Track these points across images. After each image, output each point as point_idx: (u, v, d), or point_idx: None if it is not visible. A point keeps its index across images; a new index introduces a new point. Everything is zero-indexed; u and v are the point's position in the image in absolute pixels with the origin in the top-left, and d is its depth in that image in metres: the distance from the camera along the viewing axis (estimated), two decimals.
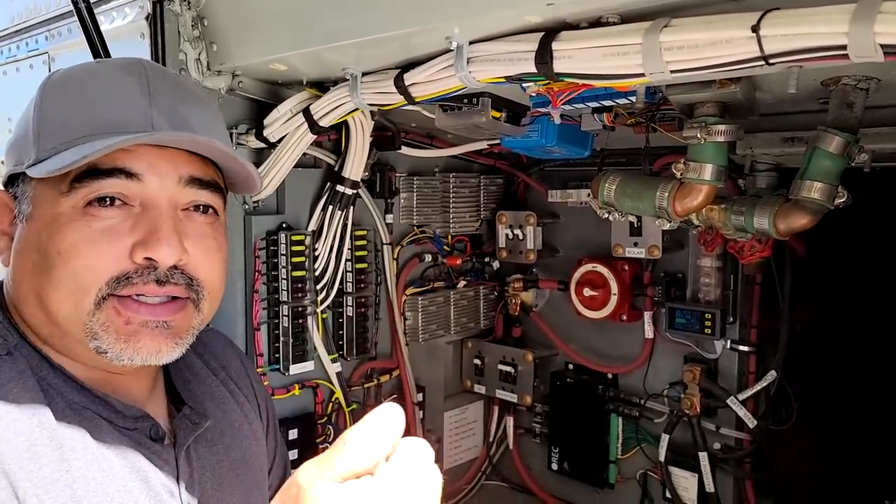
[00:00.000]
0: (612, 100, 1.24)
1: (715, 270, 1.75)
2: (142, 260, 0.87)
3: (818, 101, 1.20)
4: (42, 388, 0.88)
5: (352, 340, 1.86)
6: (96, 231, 0.86)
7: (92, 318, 0.87)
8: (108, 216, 0.87)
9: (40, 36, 1.93)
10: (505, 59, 1.07)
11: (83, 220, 0.87)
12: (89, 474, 0.86)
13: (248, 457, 1.13)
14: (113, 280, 0.86)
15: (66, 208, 0.87)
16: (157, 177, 0.89)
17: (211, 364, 1.17)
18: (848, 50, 0.77)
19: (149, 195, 0.89)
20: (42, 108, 0.91)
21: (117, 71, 0.95)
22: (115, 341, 0.87)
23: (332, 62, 1.34)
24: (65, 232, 0.86)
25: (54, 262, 0.86)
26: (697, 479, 1.83)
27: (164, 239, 0.87)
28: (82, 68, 0.98)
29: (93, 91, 0.92)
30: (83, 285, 0.86)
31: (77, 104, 0.91)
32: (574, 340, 2.09)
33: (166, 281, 0.89)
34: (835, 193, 1.16)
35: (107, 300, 0.86)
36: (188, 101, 0.97)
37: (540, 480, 2.20)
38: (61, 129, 0.89)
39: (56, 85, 0.94)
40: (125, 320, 0.87)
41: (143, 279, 0.87)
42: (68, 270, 0.86)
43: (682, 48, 0.88)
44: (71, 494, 0.83)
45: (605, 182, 1.38)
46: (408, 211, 2.00)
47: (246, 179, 1.02)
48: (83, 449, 0.87)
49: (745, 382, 1.79)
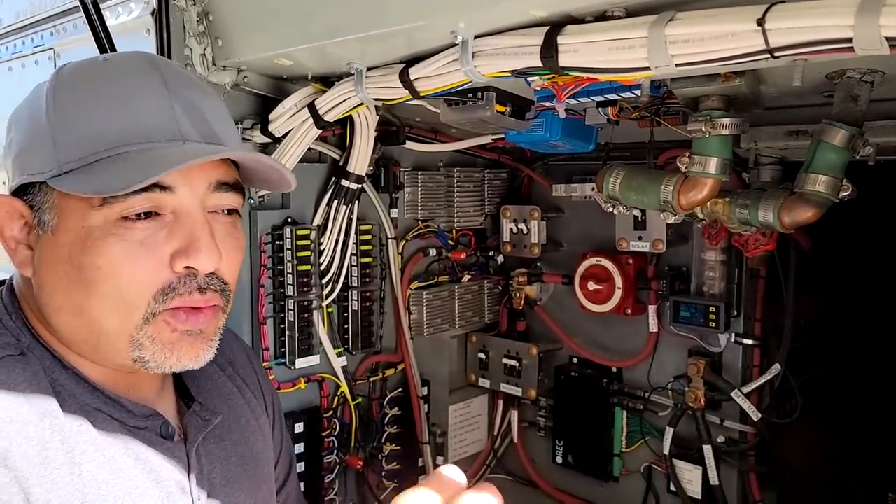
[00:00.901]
0: (616, 94, 1.23)
1: (719, 264, 1.75)
2: (182, 269, 0.88)
3: (823, 94, 1.20)
4: (54, 389, 0.88)
5: (357, 334, 1.87)
6: (134, 244, 0.86)
7: (140, 331, 0.88)
8: (142, 228, 0.87)
9: (45, 32, 1.94)
10: (510, 54, 1.07)
11: (118, 233, 0.86)
12: (100, 477, 0.87)
13: (256, 452, 1.14)
14: (159, 293, 0.87)
15: (99, 221, 0.86)
16: (188, 186, 0.89)
17: (218, 359, 1.17)
18: (853, 43, 0.77)
19: (181, 204, 0.89)
20: (56, 111, 0.89)
21: (130, 68, 0.94)
22: (160, 352, 0.89)
23: (337, 57, 1.35)
24: (102, 247, 0.86)
25: (93, 277, 0.86)
26: (702, 472, 1.83)
27: (204, 248, 0.88)
28: (91, 65, 0.95)
29: (110, 92, 0.90)
30: (130, 300, 0.87)
31: (96, 107, 0.89)
32: (578, 334, 2.09)
33: (206, 288, 0.90)
34: (839, 186, 1.16)
35: (157, 315, 0.88)
36: (201, 94, 0.97)
37: (544, 474, 2.21)
38: (83, 138, 0.87)
39: (67, 86, 0.91)
40: (172, 329, 0.89)
41: (186, 288, 0.88)
42: (112, 285, 0.86)
43: (687, 42, 0.89)
44: (82, 499, 0.84)
45: (609, 176, 1.39)
46: (412, 205, 2.01)
47: (278, 181, 1.03)
48: (94, 451, 0.88)
49: (749, 376, 1.79)
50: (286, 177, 1.01)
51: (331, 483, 1.84)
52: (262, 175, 1.02)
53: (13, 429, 0.82)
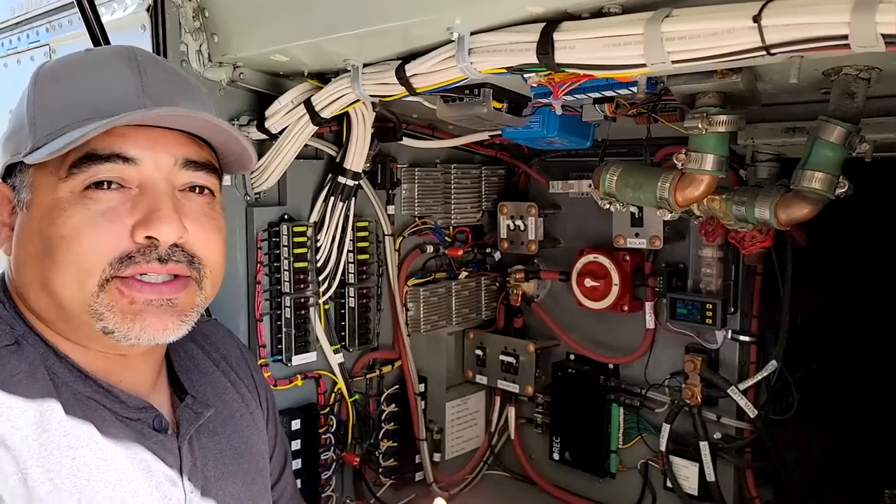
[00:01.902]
0: (613, 90, 1.23)
1: (716, 261, 1.75)
2: (143, 239, 0.88)
3: (820, 91, 1.20)
4: (50, 377, 0.89)
5: (354, 331, 1.87)
6: (96, 213, 0.88)
7: (96, 299, 0.88)
8: (107, 198, 0.89)
9: (41, 28, 1.93)
10: (506, 50, 1.07)
11: (82, 203, 0.88)
12: (92, 463, 0.87)
13: (250, 446, 1.14)
14: (116, 260, 0.87)
15: (65, 193, 0.88)
16: (153, 159, 0.91)
17: (212, 355, 1.19)
18: (849, 40, 0.77)
19: (146, 177, 0.91)
20: (35, 97, 0.92)
21: (108, 58, 0.96)
22: (122, 321, 0.89)
23: (334, 53, 1.34)
24: (65, 216, 0.88)
25: (57, 246, 0.88)
26: (698, 469, 1.84)
27: (164, 217, 0.89)
28: (73, 57, 0.99)
29: (85, 78, 0.93)
30: (86, 267, 0.87)
31: (70, 91, 0.92)
32: (575, 331, 2.09)
33: (168, 259, 0.90)
34: (836, 183, 1.16)
35: (110, 282, 0.88)
36: (180, 85, 0.98)
37: (541, 470, 2.21)
38: (56, 117, 0.90)
39: (48, 74, 0.95)
40: (129, 300, 0.89)
41: (145, 258, 0.88)
42: (71, 254, 0.87)
43: (683, 38, 0.89)
44: (74, 482, 0.85)
45: (606, 173, 1.39)
46: (409, 202, 2.00)
47: (241, 155, 1.02)
48: (87, 438, 0.88)
49: (745, 372, 1.80)
50: (246, 148, 1.00)
51: (328, 480, 1.84)
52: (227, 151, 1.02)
53: (13, 413, 0.83)
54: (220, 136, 0.98)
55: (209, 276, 0.97)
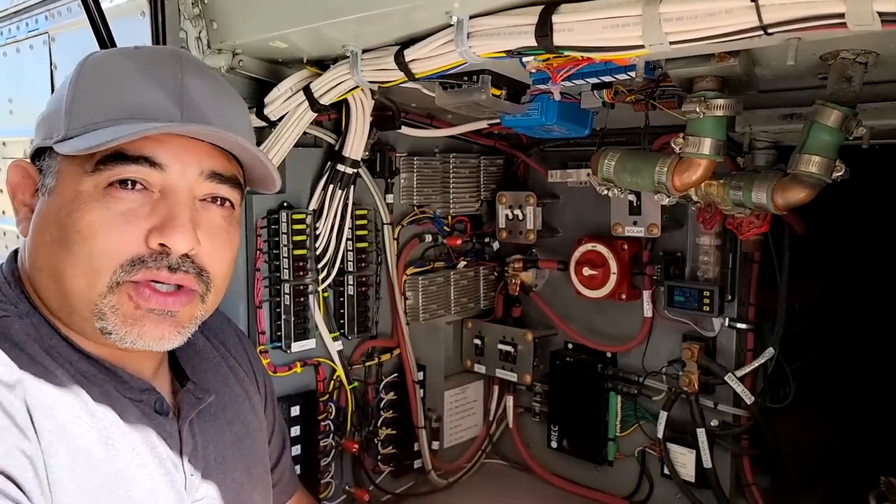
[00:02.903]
0: (611, 75, 1.24)
1: (713, 248, 1.76)
2: (156, 245, 0.89)
3: (817, 76, 1.21)
4: (51, 355, 0.90)
5: (353, 319, 1.87)
6: (115, 213, 0.89)
7: (103, 299, 0.89)
8: (128, 199, 0.90)
9: (40, 16, 1.93)
10: (505, 33, 1.08)
11: (104, 200, 0.89)
12: (107, 428, 0.89)
13: (250, 431, 1.16)
14: (127, 263, 0.88)
15: (89, 187, 0.89)
16: (180, 168, 0.92)
17: (212, 340, 1.20)
18: (846, 18, 0.77)
19: (170, 183, 0.92)
20: (76, 86, 0.93)
21: (154, 59, 0.97)
22: (122, 324, 0.90)
23: (333, 39, 1.35)
24: (84, 210, 0.89)
25: (72, 239, 0.88)
26: (695, 456, 1.85)
27: (179, 227, 0.90)
28: (121, 52, 1.01)
29: (127, 76, 0.94)
30: (98, 266, 0.88)
31: (110, 87, 0.93)
32: (574, 320, 2.10)
33: (177, 268, 0.91)
34: (832, 167, 1.17)
35: (122, 285, 0.89)
36: (219, 98, 0.99)
37: (539, 458, 2.22)
38: (92, 110, 0.91)
39: (92, 66, 0.96)
40: (135, 305, 0.90)
41: (156, 264, 0.89)
42: (86, 249, 0.88)
43: (681, 19, 0.89)
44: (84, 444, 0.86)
45: (604, 158, 1.39)
46: (408, 191, 2.01)
47: (264, 177, 1.04)
48: (96, 405, 0.90)
49: (743, 360, 1.80)
50: (271, 173, 1.02)
51: (327, 466, 1.85)
52: (252, 168, 1.03)
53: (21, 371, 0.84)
54: (249, 156, 0.99)
55: (213, 291, 0.98)
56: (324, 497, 1.85)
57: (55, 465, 0.82)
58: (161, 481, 0.94)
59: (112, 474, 0.88)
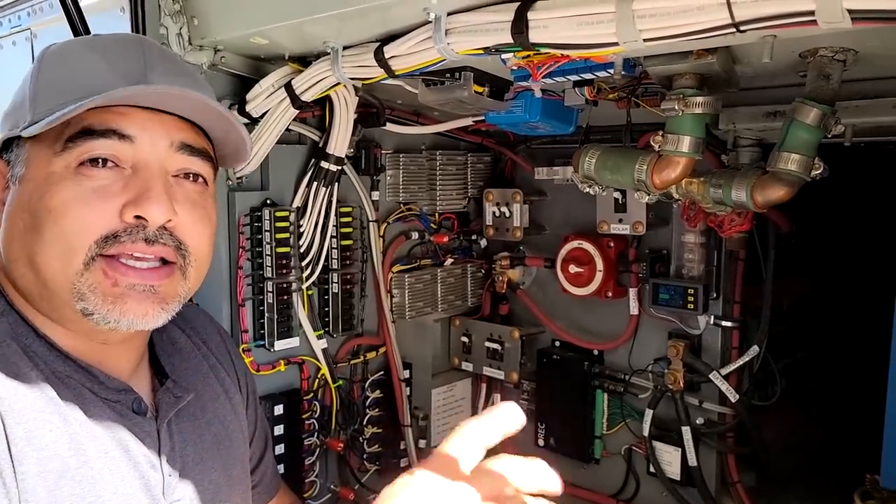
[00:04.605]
0: (591, 72, 1.23)
1: (698, 246, 1.76)
2: (131, 218, 0.88)
3: (798, 73, 1.20)
4: (27, 355, 0.89)
5: (338, 317, 1.86)
6: (87, 190, 0.88)
7: (80, 278, 0.87)
8: (100, 176, 0.89)
9: (23, 12, 1.92)
10: (482, 30, 1.07)
11: (75, 179, 0.88)
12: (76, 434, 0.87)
13: (230, 431, 1.14)
14: (101, 239, 0.87)
15: (59, 167, 0.88)
16: (149, 139, 0.91)
17: (193, 339, 1.19)
18: (816, 15, 0.77)
19: (141, 157, 0.91)
20: (39, 75, 0.93)
21: (115, 43, 0.97)
22: (102, 303, 0.88)
23: (313, 35, 1.34)
24: (55, 190, 0.88)
25: (44, 220, 0.87)
26: (681, 454, 1.85)
27: (154, 198, 0.89)
28: (81, 40, 1.03)
29: (90, 59, 0.93)
30: (72, 244, 0.87)
31: (73, 71, 0.93)
32: (560, 318, 2.10)
33: (155, 241, 0.90)
34: (811, 165, 1.16)
35: (95, 261, 0.87)
36: (183, 75, 0.99)
37: (526, 456, 2.21)
38: (57, 94, 0.90)
39: (53, 54, 0.96)
40: (112, 282, 0.88)
41: (130, 238, 0.88)
42: (58, 229, 0.87)
43: (654, 16, 0.89)
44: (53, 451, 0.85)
45: (585, 155, 1.39)
46: (394, 188, 2.00)
47: (238, 146, 1.03)
48: (69, 412, 0.88)
49: (728, 358, 1.80)
50: (242, 136, 1.00)
51: (311, 465, 1.84)
52: (224, 142, 1.02)
53: None
54: (219, 125, 0.98)
55: (194, 266, 0.96)
56: (308, 496, 1.85)
57: (25, 472, 0.81)
58: (135, 484, 0.92)
59: (83, 480, 0.86)
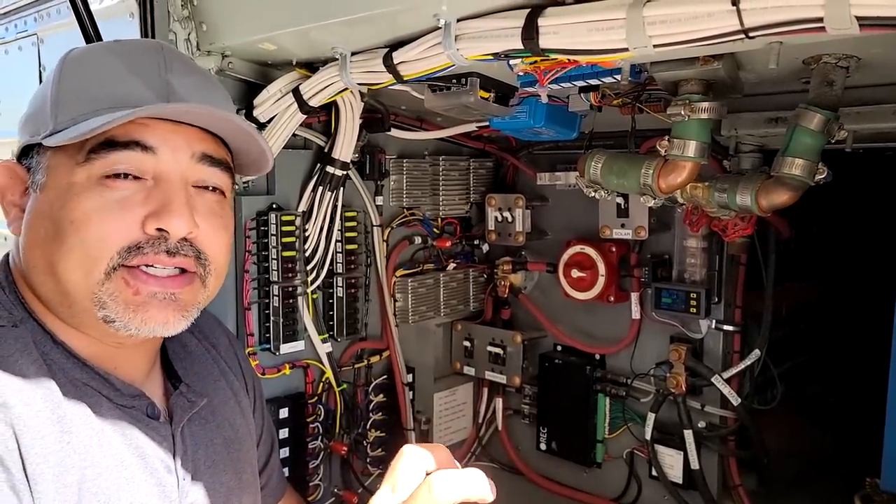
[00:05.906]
0: (598, 78, 1.25)
1: (700, 251, 1.77)
2: (153, 231, 0.89)
3: (801, 80, 1.22)
4: (45, 363, 0.89)
5: (342, 321, 1.87)
6: (110, 201, 0.89)
7: (101, 287, 0.88)
8: (122, 187, 0.90)
9: (29, 18, 1.93)
10: (492, 36, 1.09)
11: (97, 190, 0.89)
12: (90, 447, 0.88)
13: (240, 434, 1.15)
14: (124, 249, 0.88)
15: (82, 178, 0.89)
16: (171, 151, 0.92)
17: (203, 343, 1.20)
18: (825, 22, 0.79)
19: (162, 169, 0.92)
20: (60, 81, 0.94)
21: (136, 49, 0.98)
22: (124, 311, 0.89)
23: (321, 41, 1.35)
24: (78, 201, 0.88)
25: (66, 230, 0.88)
26: (683, 457, 1.86)
27: (176, 210, 0.90)
28: (102, 45, 1.03)
29: (111, 67, 0.94)
30: (94, 254, 0.88)
31: (95, 78, 0.93)
32: (562, 322, 2.11)
33: (176, 252, 0.91)
34: (815, 170, 1.18)
35: (117, 270, 0.88)
36: (203, 84, 1.00)
37: (528, 461, 2.23)
38: (79, 102, 0.91)
39: (75, 60, 0.96)
40: (134, 291, 0.89)
41: (153, 249, 0.89)
42: (79, 239, 0.88)
43: (664, 22, 0.90)
44: (70, 465, 0.85)
45: (591, 160, 1.40)
46: (398, 193, 2.01)
47: (258, 158, 1.04)
48: (83, 423, 0.89)
49: (729, 361, 1.81)
50: (263, 149, 1.02)
51: (315, 469, 1.85)
52: (244, 153, 1.03)
53: (9, 391, 0.83)
54: (240, 137, 0.99)
55: (213, 274, 0.98)
56: (312, 499, 1.85)
57: (42, 491, 0.82)
58: (151, 491, 0.93)
59: (98, 492, 0.87)
